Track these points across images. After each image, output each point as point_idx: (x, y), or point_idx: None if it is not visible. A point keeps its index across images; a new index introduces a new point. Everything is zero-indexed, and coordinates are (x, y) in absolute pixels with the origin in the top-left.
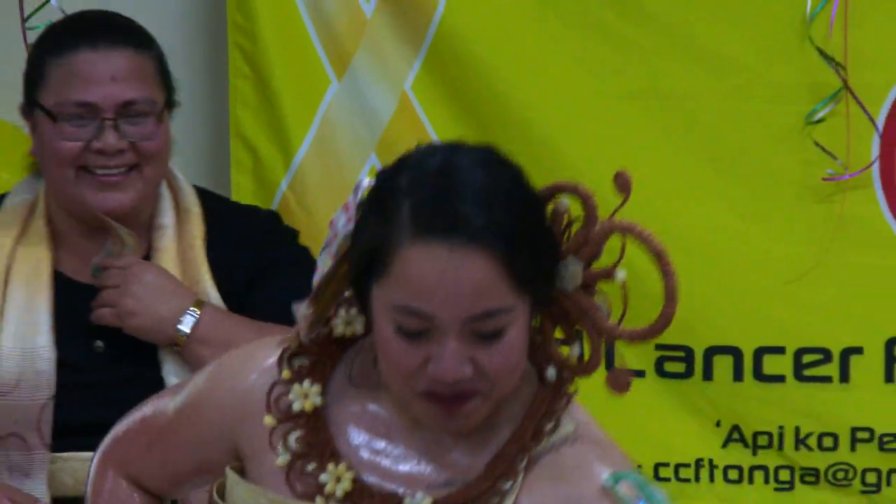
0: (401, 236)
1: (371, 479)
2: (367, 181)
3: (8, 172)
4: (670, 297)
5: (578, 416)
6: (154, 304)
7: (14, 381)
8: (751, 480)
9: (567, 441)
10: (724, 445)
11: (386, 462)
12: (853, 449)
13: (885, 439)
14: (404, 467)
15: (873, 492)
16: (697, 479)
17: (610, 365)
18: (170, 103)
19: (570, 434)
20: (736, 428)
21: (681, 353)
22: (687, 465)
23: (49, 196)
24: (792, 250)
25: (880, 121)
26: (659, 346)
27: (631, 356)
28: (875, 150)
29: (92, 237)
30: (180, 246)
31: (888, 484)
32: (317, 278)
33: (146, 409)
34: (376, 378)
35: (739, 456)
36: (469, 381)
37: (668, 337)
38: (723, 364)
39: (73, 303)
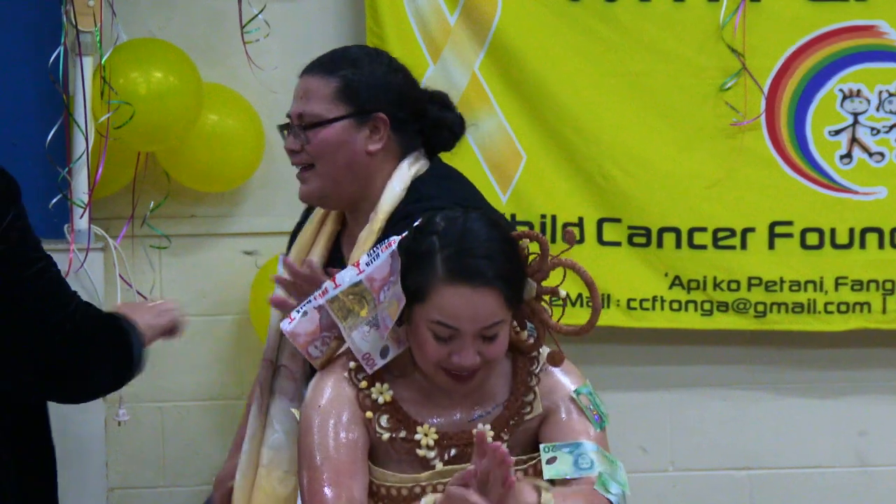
0: (437, 279)
1: (445, 428)
2: (395, 240)
3: (229, 118)
4: (596, 310)
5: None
6: None
7: None
8: (686, 309)
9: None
10: (670, 288)
11: (445, 415)
12: (749, 290)
13: (769, 284)
14: (457, 415)
15: (762, 316)
16: (653, 308)
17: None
18: (354, 114)
19: (544, 365)
20: (677, 277)
21: (643, 231)
22: (647, 300)
23: None
24: (711, 168)
25: (766, 89)
26: (630, 227)
27: (612, 233)
28: (762, 107)
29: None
30: None
31: (771, 311)
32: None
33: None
34: (408, 362)
35: (679, 294)
36: (477, 365)
37: (636, 220)
38: (669, 238)
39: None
